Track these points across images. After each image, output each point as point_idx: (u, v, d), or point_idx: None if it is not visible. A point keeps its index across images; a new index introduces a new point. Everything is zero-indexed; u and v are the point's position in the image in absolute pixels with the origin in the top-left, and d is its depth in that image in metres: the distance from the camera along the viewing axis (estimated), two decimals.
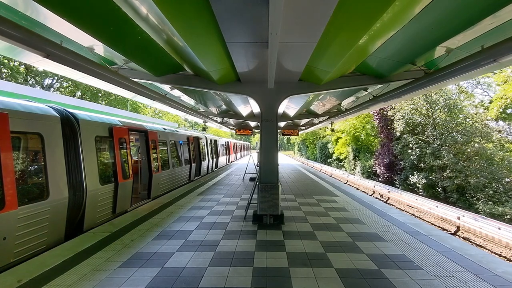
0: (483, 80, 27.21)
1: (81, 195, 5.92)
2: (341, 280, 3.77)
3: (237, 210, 7.65)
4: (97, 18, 4.23)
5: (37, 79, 26.90)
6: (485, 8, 3.73)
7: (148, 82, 7.28)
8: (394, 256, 4.57)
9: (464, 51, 5.15)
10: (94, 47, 5.43)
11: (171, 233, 5.61)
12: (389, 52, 5.46)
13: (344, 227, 6.15)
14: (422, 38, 4.81)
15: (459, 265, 4.20)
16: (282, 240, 5.30)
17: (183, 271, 4.00)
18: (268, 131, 6.97)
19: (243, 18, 3.80)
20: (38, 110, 5.19)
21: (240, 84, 7.17)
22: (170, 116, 37.64)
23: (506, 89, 19.29)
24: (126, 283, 3.63)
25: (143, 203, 8.60)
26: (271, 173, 6.76)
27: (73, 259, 4.31)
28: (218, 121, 16.35)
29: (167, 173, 10.86)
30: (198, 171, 15.76)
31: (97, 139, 6.72)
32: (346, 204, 8.52)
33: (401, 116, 26.58)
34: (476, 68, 4.39)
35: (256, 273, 3.97)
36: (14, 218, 4.36)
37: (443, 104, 23.36)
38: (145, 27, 4.49)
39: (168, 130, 11.96)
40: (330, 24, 3.93)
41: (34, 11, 3.92)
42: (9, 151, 4.38)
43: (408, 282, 3.72)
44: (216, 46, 4.97)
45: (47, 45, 3.81)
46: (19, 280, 3.60)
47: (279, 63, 5.54)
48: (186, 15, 3.87)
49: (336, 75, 6.60)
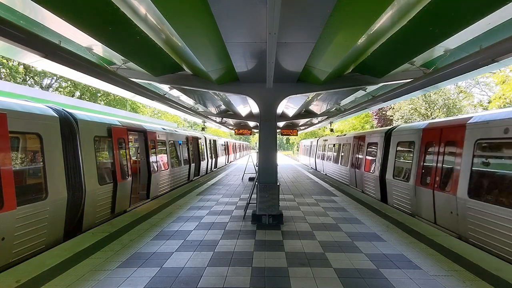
0: (482, 80, 27.29)
1: (80, 195, 5.91)
2: (340, 280, 3.77)
3: (236, 210, 7.65)
4: (96, 18, 4.22)
5: (36, 79, 26.85)
6: (484, 7, 3.74)
7: (147, 82, 7.28)
8: (393, 255, 4.58)
9: (463, 51, 5.17)
10: (93, 47, 5.42)
11: (170, 233, 5.61)
12: (388, 52, 5.46)
13: (343, 227, 6.16)
14: (421, 37, 4.82)
15: (458, 265, 4.21)
16: (281, 240, 5.30)
17: (182, 271, 4.00)
18: (267, 131, 6.98)
19: (241, 18, 3.80)
20: (37, 110, 5.18)
21: (239, 84, 7.17)
22: (169, 116, 37.59)
23: (504, 89, 19.35)
24: (125, 283, 3.63)
25: (142, 203, 8.60)
26: (270, 173, 6.76)
27: (72, 259, 4.30)
28: (217, 121, 16.34)
29: (166, 173, 10.85)
30: (197, 171, 15.75)
31: (96, 139, 6.71)
32: (345, 204, 8.52)
33: (400, 116, 26.61)
34: (475, 68, 4.40)
35: (255, 273, 3.97)
36: (13, 218, 4.35)
37: (442, 104, 23.41)
38: (143, 27, 4.49)
39: (167, 130, 11.96)
40: (329, 24, 3.93)
41: (33, 11, 3.91)
42: (7, 151, 4.38)
43: (406, 281, 3.73)
44: (215, 46, 4.97)
45: (45, 45, 3.80)
46: (18, 280, 3.59)
47: (277, 63, 5.54)
48: (185, 15, 3.87)
49: (335, 75, 6.61)
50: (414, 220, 6.66)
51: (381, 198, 9.64)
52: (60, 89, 28.70)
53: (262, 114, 7.02)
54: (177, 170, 12.13)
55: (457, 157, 6.07)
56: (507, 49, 3.62)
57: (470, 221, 5.49)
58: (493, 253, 4.90)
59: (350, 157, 13.57)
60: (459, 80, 11.17)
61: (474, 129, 5.72)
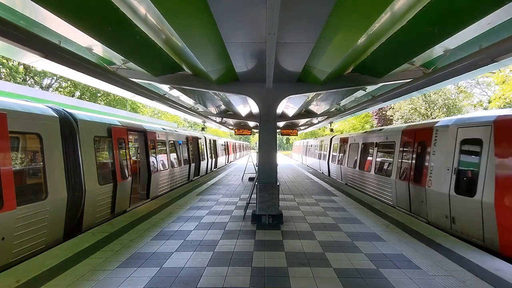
0: (482, 80, 27.29)
1: (80, 195, 5.91)
2: (340, 280, 3.77)
3: (236, 210, 7.66)
4: (96, 18, 4.22)
5: (36, 79, 26.84)
6: (484, 7, 3.75)
7: (147, 82, 7.29)
8: (393, 255, 4.58)
9: (463, 51, 5.17)
10: (93, 47, 5.43)
11: (170, 233, 5.61)
12: (388, 52, 5.47)
13: (343, 226, 6.16)
14: (421, 37, 4.82)
15: (458, 265, 4.22)
16: (281, 240, 5.30)
17: (181, 271, 4.00)
18: (267, 131, 6.98)
19: (241, 18, 3.80)
20: (37, 110, 5.18)
21: (239, 84, 7.18)
22: (169, 116, 37.60)
23: (504, 89, 19.37)
24: (125, 283, 3.63)
25: (142, 203, 8.60)
26: (270, 173, 6.77)
27: (72, 259, 4.30)
28: (217, 121, 16.35)
29: (166, 173, 10.85)
30: (197, 171, 15.75)
31: (96, 139, 6.71)
32: (345, 204, 8.53)
33: (400, 115, 26.61)
34: (474, 68, 4.41)
35: (255, 273, 3.97)
36: (13, 218, 4.35)
37: (442, 104, 23.42)
38: (143, 27, 4.50)
39: (167, 130, 11.96)
40: (328, 24, 3.94)
41: (33, 11, 3.92)
42: (7, 151, 4.38)
43: (406, 281, 3.73)
44: (215, 46, 4.97)
45: (45, 45, 3.81)
46: (18, 280, 3.59)
47: (277, 63, 5.55)
48: (185, 15, 3.87)
49: (334, 75, 6.61)
50: (414, 220, 6.66)
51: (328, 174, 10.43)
52: (60, 89, 28.70)
53: (262, 114, 7.03)
54: (177, 170, 12.13)
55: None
56: (507, 49, 3.62)
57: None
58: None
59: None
60: (459, 80, 11.21)
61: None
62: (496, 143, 5.11)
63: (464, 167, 5.89)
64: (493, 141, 5.16)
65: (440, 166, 6.44)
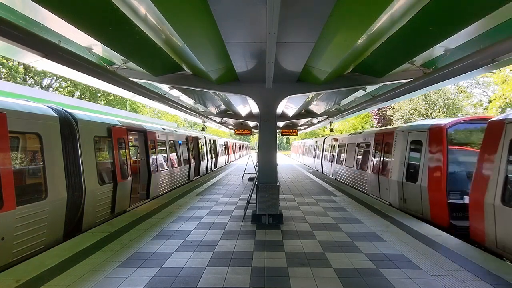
0: (482, 80, 27.29)
1: (80, 195, 5.91)
2: (340, 280, 3.77)
3: (236, 210, 7.65)
4: (96, 18, 4.22)
5: (36, 79, 26.84)
6: (483, 7, 3.75)
7: (147, 82, 7.28)
8: (393, 255, 4.58)
9: (463, 51, 5.17)
10: (93, 47, 5.42)
11: (170, 233, 5.61)
12: (388, 52, 5.46)
13: (343, 226, 6.16)
14: (421, 37, 4.82)
15: (458, 265, 4.21)
16: (281, 240, 5.30)
17: (181, 271, 4.00)
18: (267, 131, 6.98)
19: (241, 18, 3.80)
20: (37, 110, 5.18)
21: (239, 84, 7.17)
22: (169, 116, 37.59)
23: (504, 89, 19.37)
24: (125, 283, 3.63)
25: (142, 203, 8.60)
26: (270, 173, 6.76)
27: (72, 259, 4.30)
28: (217, 121, 16.34)
29: (166, 173, 10.85)
30: (197, 171, 15.75)
31: (96, 139, 6.71)
32: (345, 204, 8.53)
33: (400, 115, 26.62)
34: (475, 68, 4.40)
35: (255, 273, 3.97)
36: (13, 218, 4.35)
37: (442, 103, 23.42)
38: (143, 27, 4.49)
39: (167, 130, 11.96)
40: (328, 24, 3.93)
41: (33, 11, 3.91)
42: (7, 151, 4.37)
43: (406, 281, 3.73)
44: (215, 46, 4.97)
45: (45, 45, 3.80)
46: (18, 280, 3.59)
47: (277, 63, 5.54)
48: (185, 15, 3.87)
49: (334, 75, 6.60)
50: (414, 220, 6.66)
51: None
52: (60, 89, 28.69)
53: (262, 114, 7.02)
54: (177, 170, 12.13)
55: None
56: (507, 49, 3.62)
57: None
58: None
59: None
60: (459, 80, 11.20)
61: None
62: (429, 144, 7.15)
63: (411, 161, 7.90)
64: (428, 143, 7.19)
65: (397, 161, 8.45)
